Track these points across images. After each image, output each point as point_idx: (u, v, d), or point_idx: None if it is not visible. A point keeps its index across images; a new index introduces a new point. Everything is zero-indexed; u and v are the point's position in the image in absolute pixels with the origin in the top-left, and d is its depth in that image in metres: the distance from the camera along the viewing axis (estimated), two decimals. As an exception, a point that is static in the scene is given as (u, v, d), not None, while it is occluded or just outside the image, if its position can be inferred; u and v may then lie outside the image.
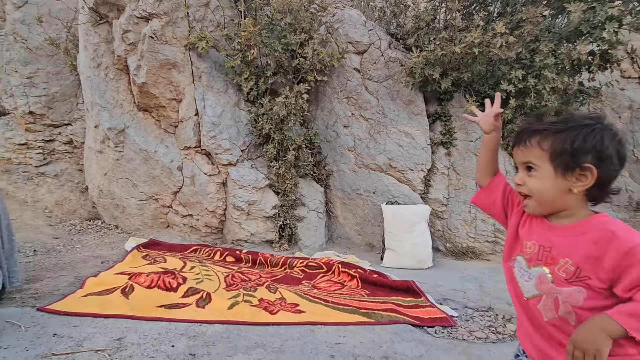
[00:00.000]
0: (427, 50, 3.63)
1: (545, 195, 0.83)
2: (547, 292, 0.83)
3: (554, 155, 0.81)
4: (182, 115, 3.87)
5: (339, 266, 3.02)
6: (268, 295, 2.50)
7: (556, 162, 0.81)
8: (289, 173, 3.76)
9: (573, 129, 0.80)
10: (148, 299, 2.29)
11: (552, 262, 0.82)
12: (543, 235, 0.86)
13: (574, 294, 0.79)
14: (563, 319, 0.82)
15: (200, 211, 3.82)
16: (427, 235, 3.52)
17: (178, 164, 3.88)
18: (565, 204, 0.83)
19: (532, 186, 0.84)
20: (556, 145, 0.80)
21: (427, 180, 3.95)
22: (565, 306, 0.81)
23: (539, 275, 0.85)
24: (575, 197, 0.82)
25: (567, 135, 0.80)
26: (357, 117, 4.13)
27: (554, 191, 0.82)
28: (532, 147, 0.84)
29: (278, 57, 3.71)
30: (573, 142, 0.79)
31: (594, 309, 0.78)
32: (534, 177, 0.84)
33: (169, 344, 1.81)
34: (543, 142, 0.82)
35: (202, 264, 3.11)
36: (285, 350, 1.79)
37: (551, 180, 0.82)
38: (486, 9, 3.97)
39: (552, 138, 0.81)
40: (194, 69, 3.81)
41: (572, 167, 0.80)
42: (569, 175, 0.80)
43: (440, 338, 2.00)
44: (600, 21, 3.31)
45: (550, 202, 0.84)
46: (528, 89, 3.59)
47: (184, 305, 2.26)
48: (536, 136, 0.84)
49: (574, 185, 0.81)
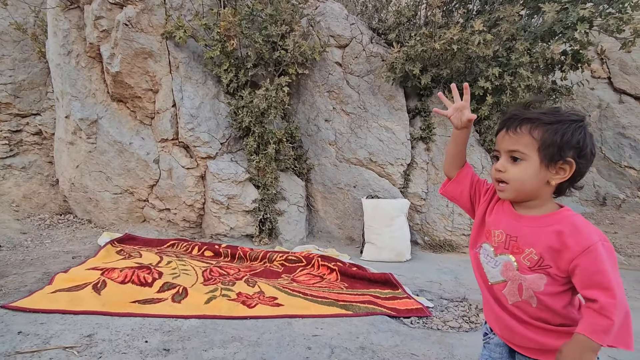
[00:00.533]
0: (408, 45, 3.66)
1: (526, 184, 0.84)
2: (512, 279, 0.87)
3: (543, 145, 0.81)
4: (158, 107, 3.76)
5: (319, 260, 3.03)
6: (246, 289, 2.48)
7: (543, 153, 0.82)
8: (270, 167, 3.72)
9: (563, 122, 0.82)
10: (121, 295, 2.22)
11: (518, 251, 0.86)
12: (510, 225, 0.89)
13: (536, 281, 0.84)
14: (526, 302, 0.87)
15: (178, 205, 3.73)
16: (406, 228, 3.58)
17: (154, 157, 3.77)
18: (539, 194, 0.85)
19: (514, 174, 0.85)
20: (547, 137, 0.81)
21: (407, 174, 4.01)
22: (528, 291, 0.85)
23: (505, 262, 0.88)
24: (549, 189, 0.85)
25: (557, 128, 0.81)
26: (339, 111, 4.13)
27: (535, 181, 0.83)
28: (522, 135, 0.83)
29: (258, 49, 3.65)
30: (563, 136, 0.81)
31: (553, 294, 0.84)
32: (519, 166, 0.84)
33: (142, 339, 1.77)
34: (534, 131, 0.82)
35: (180, 258, 3.05)
36: (262, 343, 1.78)
37: (535, 171, 0.83)
38: (466, 7, 4.04)
39: (543, 129, 0.82)
40: (171, 59, 3.70)
41: (556, 159, 0.81)
42: (552, 167, 0.82)
43: (416, 328, 2.04)
44: (572, 22, 3.43)
45: (528, 191, 0.85)
46: (504, 86, 3.69)
47: (159, 301, 2.21)
48: (527, 124, 0.84)
49: (553, 177, 0.83)
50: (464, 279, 2.85)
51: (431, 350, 1.75)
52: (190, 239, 3.66)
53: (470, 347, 1.78)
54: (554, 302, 0.84)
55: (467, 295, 2.52)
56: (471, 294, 2.54)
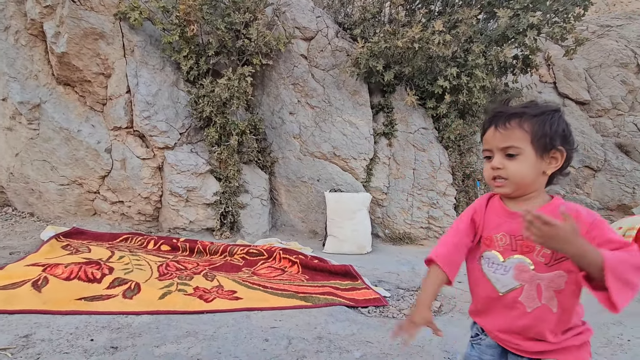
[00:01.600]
0: (372, 41, 3.72)
1: (526, 177, 0.83)
2: (529, 281, 0.82)
3: (535, 137, 0.81)
4: (111, 92, 3.52)
5: (281, 253, 3.02)
6: (204, 284, 2.41)
7: (536, 145, 0.82)
8: (232, 159, 3.63)
9: (547, 113, 0.83)
10: (65, 292, 2.07)
11: (529, 250, 0.82)
12: (510, 225, 0.85)
13: (555, 279, 0.80)
14: (545, 308, 0.81)
15: (132, 197, 3.54)
16: (368, 222, 3.66)
17: (106, 146, 3.54)
18: (536, 185, 0.84)
19: (514, 170, 0.83)
20: (537, 128, 0.81)
21: (369, 169, 4.09)
22: (549, 292, 0.81)
23: (517, 265, 0.84)
24: (544, 179, 0.85)
25: (544, 119, 0.82)
26: (303, 104, 4.11)
27: (533, 173, 0.83)
28: (513, 129, 0.83)
29: (221, 36, 3.53)
30: (551, 126, 0.82)
31: (574, 293, 0.80)
32: (517, 161, 0.83)
33: (87, 338, 1.67)
34: (524, 124, 0.82)
35: (133, 253, 2.90)
36: (218, 337, 1.75)
37: (532, 163, 0.82)
38: (428, 7, 4.16)
39: (532, 121, 0.82)
40: (125, 42, 3.48)
41: (548, 149, 0.82)
42: (545, 157, 0.82)
43: (372, 317, 2.10)
44: (523, 28, 3.65)
45: (528, 184, 0.84)
46: (461, 86, 3.86)
47: (108, 297, 2.09)
48: (515, 119, 0.83)
49: (547, 167, 0.83)
50: (421, 270, 2.97)
51: (386, 337, 1.81)
52: (146, 233, 3.49)
53: (423, 333, 1.86)
54: (573, 302, 0.81)
55: (422, 285, 2.64)
56: (426, 284, 2.66)
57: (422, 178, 4.08)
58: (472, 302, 0.95)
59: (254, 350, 1.66)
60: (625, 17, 6.92)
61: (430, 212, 4.02)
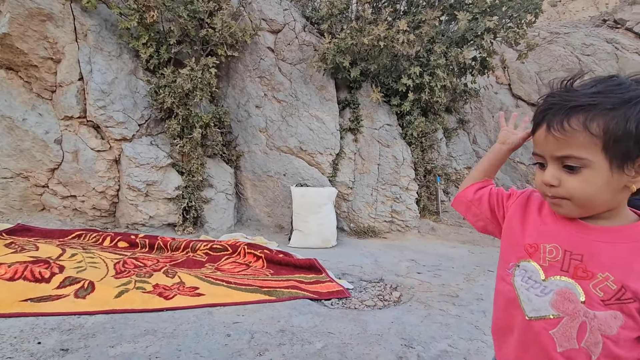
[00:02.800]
0: (339, 37, 3.75)
1: (596, 198, 0.59)
2: (572, 314, 0.61)
3: (610, 142, 0.56)
4: (61, 79, 3.28)
5: (245, 248, 3.00)
6: (165, 281, 2.35)
7: (613, 152, 0.57)
8: (195, 152, 3.53)
9: (632, 102, 0.56)
10: (9, 293, 1.93)
11: (586, 276, 0.60)
12: (571, 238, 0.63)
13: (609, 320, 0.58)
14: (584, 352, 0.60)
15: (86, 192, 3.34)
16: (333, 216, 3.72)
17: (56, 136, 3.30)
18: (612, 204, 0.61)
19: (575, 188, 0.59)
20: (613, 128, 0.56)
21: (335, 164, 4.15)
22: (595, 335, 0.59)
23: (562, 290, 0.62)
24: (627, 195, 0.61)
25: (626, 112, 0.56)
26: (270, 98, 4.07)
27: (607, 192, 0.59)
28: (575, 132, 0.57)
29: (183, 25, 3.40)
30: (638, 122, 0.55)
31: (628, 340, 0.59)
32: (580, 176, 0.59)
33: (35, 341, 1.57)
34: (592, 124, 0.57)
35: (87, 250, 2.75)
36: (179, 334, 1.72)
37: (605, 179, 0.58)
38: (394, 6, 4.26)
39: (606, 117, 0.56)
40: (77, 25, 3.25)
41: (633, 156, 0.57)
42: (628, 168, 0.57)
43: (335, 309, 2.15)
44: (481, 31, 3.85)
45: (599, 205, 0.61)
46: (424, 84, 4.01)
47: (58, 297, 1.98)
48: (579, 115, 0.58)
49: (632, 181, 0.58)
50: (383, 262, 3.08)
51: (347, 327, 1.87)
52: (102, 230, 3.32)
53: (382, 323, 1.95)
54: (625, 353, 0.58)
55: (384, 277, 2.73)
56: (387, 275, 2.76)
57: (386, 173, 4.20)
58: (493, 318, 0.75)
59: (215, 346, 1.65)
60: (572, 25, 7.49)
61: (393, 206, 4.15)
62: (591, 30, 6.87)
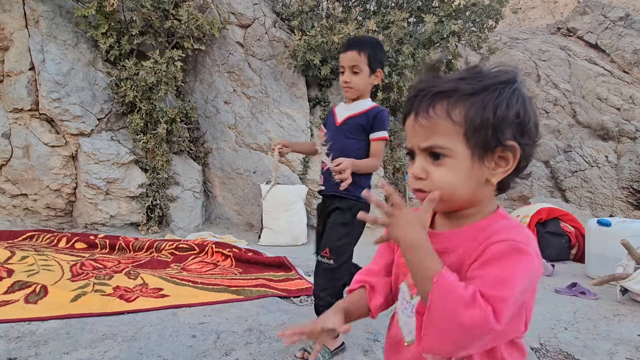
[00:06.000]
0: (309, 35, 3.74)
1: (459, 190, 0.55)
2: None
3: (470, 130, 0.53)
4: (9, 68, 3.04)
5: (213, 247, 2.93)
6: (126, 282, 2.25)
7: (473, 141, 0.54)
8: (160, 148, 3.40)
9: (491, 88, 0.53)
10: (-53, 301, 1.78)
11: None
12: None
13: None
14: None
15: (39, 190, 3.13)
16: (303, 213, 3.72)
17: (4, 130, 3.06)
18: (477, 198, 0.57)
19: (441, 180, 0.55)
20: (473, 115, 0.53)
21: (306, 161, 4.15)
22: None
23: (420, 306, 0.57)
24: (490, 189, 0.57)
25: (484, 98, 0.53)
26: (239, 93, 4.00)
27: (471, 184, 0.55)
28: (439, 119, 0.54)
29: (146, 15, 3.25)
30: (496, 109, 0.53)
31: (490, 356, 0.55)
32: (443, 166, 0.55)
33: (-23, 351, 1.46)
34: (454, 110, 0.53)
35: (40, 253, 2.58)
36: (140, 338, 1.65)
37: (467, 169, 0.54)
38: (363, 5, 4.31)
39: (465, 103, 0.53)
40: (27, 10, 3.02)
41: (492, 147, 0.54)
42: (488, 159, 0.55)
43: (304, 306, 2.16)
44: (446, 34, 3.99)
45: (463, 198, 0.56)
46: (392, 84, 4.09)
47: (6, 303, 1.84)
48: (442, 100, 0.54)
49: (492, 174, 0.55)
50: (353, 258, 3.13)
51: (315, 324, 1.89)
52: (57, 230, 3.12)
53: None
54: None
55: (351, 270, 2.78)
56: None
57: (356, 171, 4.25)
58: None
59: (179, 348, 1.61)
60: (530, 31, 7.95)
61: (363, 203, 4.22)
62: (547, 37, 7.32)
